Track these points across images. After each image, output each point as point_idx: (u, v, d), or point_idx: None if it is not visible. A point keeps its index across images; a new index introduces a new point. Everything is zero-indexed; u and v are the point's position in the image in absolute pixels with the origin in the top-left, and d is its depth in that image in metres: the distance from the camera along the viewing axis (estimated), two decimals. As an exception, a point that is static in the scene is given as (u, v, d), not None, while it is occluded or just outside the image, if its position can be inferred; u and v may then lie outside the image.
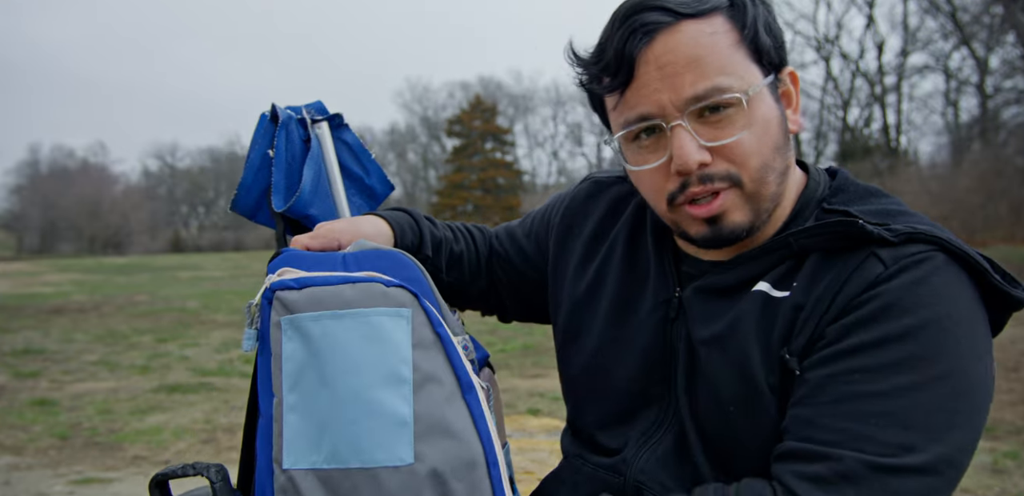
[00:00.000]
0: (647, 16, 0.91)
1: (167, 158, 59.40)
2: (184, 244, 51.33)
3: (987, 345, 0.89)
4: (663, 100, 0.91)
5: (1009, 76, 22.41)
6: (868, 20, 28.64)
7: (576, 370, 1.16)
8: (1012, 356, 7.01)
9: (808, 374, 0.89)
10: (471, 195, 44.12)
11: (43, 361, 8.15)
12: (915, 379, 0.83)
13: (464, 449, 0.89)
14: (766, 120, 0.93)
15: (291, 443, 0.93)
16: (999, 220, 18.13)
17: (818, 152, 32.59)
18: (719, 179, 0.93)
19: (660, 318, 1.05)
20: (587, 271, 1.16)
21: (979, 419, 0.86)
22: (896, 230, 0.89)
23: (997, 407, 5.34)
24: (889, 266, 0.87)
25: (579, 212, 1.22)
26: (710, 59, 0.90)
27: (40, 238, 51.18)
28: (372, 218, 1.16)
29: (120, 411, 5.85)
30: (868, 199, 0.99)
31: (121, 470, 4.41)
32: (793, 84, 1.00)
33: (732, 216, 0.95)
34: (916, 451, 0.81)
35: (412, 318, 0.92)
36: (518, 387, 6.34)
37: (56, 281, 20.03)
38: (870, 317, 0.86)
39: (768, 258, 0.97)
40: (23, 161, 57.58)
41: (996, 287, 0.89)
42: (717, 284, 1.00)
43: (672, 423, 1.03)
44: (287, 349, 0.95)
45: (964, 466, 0.85)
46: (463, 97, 50.18)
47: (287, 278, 0.97)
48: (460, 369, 0.92)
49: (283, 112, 1.28)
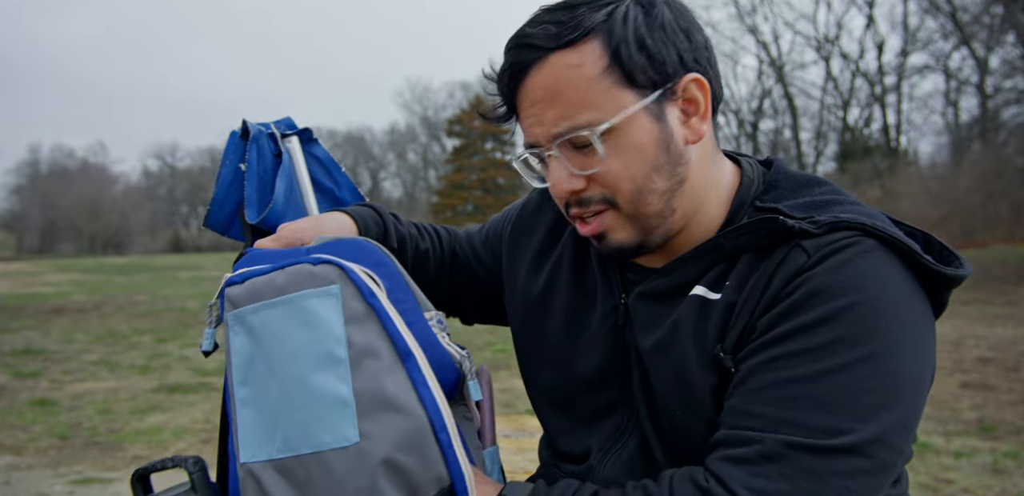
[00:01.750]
0: (519, 54, 0.93)
1: (167, 158, 59.50)
2: (184, 244, 51.33)
3: (923, 325, 0.89)
4: (536, 133, 0.95)
5: (1009, 76, 22.39)
6: (868, 20, 28.63)
7: (537, 381, 1.17)
8: (1012, 356, 7.01)
9: (739, 366, 0.90)
10: (471, 195, 44.09)
11: (43, 361, 8.15)
12: (839, 362, 0.84)
13: (409, 420, 0.88)
14: (638, 145, 0.93)
15: (246, 437, 0.94)
16: (999, 220, 18.13)
17: (818, 152, 32.62)
18: (595, 202, 0.96)
19: (611, 326, 1.06)
20: (537, 281, 1.16)
21: (911, 399, 0.86)
22: (819, 221, 0.90)
23: (997, 407, 5.34)
24: (812, 255, 0.88)
25: (528, 223, 1.22)
26: (570, 95, 0.91)
27: (40, 238, 51.18)
28: (335, 214, 1.15)
29: (120, 411, 5.85)
30: (800, 192, 0.99)
31: (121, 470, 4.41)
32: (700, 90, 0.95)
33: (615, 234, 0.98)
34: (840, 433, 0.82)
35: (341, 293, 0.91)
36: (518, 387, 6.34)
37: (56, 281, 20.02)
38: (795, 305, 0.87)
39: (703, 260, 0.98)
40: (23, 161, 57.69)
41: (927, 267, 0.89)
42: (657, 289, 1.01)
43: (634, 429, 1.05)
44: (235, 344, 0.96)
45: (898, 447, 0.85)
46: (463, 97, 50.20)
47: (236, 274, 0.98)
48: (397, 338, 0.90)
49: (254, 127, 1.30)
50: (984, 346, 7.41)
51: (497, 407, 6.16)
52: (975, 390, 5.83)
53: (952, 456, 4.28)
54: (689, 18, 0.95)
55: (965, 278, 0.92)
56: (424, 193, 52.67)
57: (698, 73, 0.95)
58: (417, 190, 54.17)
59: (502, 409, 5.55)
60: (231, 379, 0.97)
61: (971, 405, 5.42)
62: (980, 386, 5.95)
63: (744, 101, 33.42)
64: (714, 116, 0.99)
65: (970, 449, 4.41)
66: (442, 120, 50.37)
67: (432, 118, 52.40)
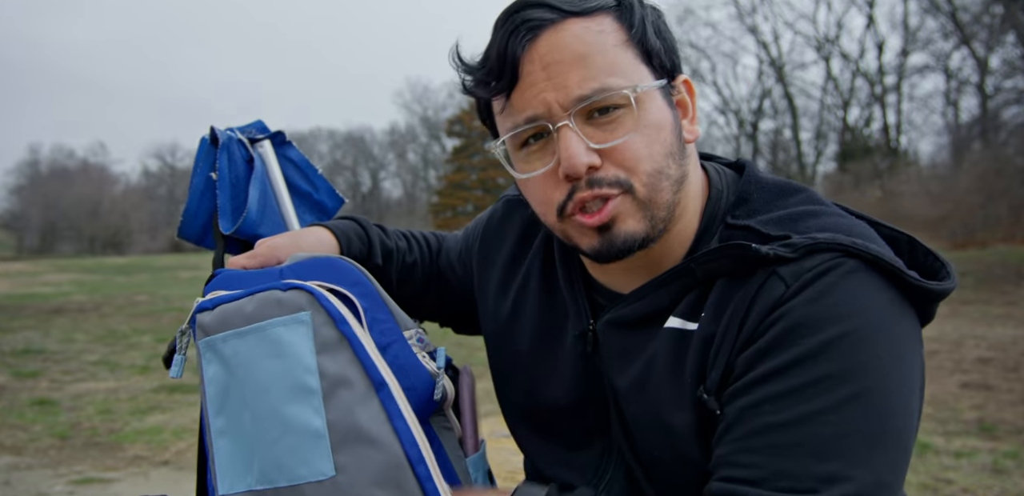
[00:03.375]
0: (530, 13, 0.87)
1: (167, 158, 59.40)
2: (184, 244, 51.10)
3: (911, 348, 0.84)
4: (549, 100, 0.86)
5: (1009, 76, 22.42)
6: (868, 20, 28.67)
7: (512, 404, 1.13)
8: (1012, 356, 7.00)
9: (725, 409, 0.84)
10: (471, 195, 44.07)
11: (43, 361, 8.15)
12: (828, 402, 0.78)
13: (384, 453, 0.85)
14: (658, 123, 0.89)
15: (224, 468, 0.92)
16: (999, 220, 18.11)
17: (818, 152, 32.63)
18: (608, 184, 0.87)
19: (579, 353, 1.01)
20: (506, 299, 1.11)
21: (905, 434, 0.81)
22: (794, 244, 0.84)
23: (997, 407, 5.34)
24: (791, 284, 0.82)
25: (494, 237, 1.16)
26: (597, 58, 0.86)
27: (40, 238, 51.17)
28: (316, 229, 1.11)
29: (120, 411, 5.84)
30: (774, 203, 0.93)
31: (121, 470, 4.41)
32: (689, 93, 0.95)
33: (624, 223, 0.88)
34: (838, 481, 0.76)
35: (312, 320, 0.88)
36: (518, 387, 6.35)
37: (56, 281, 20.02)
38: (777, 341, 0.81)
39: (674, 286, 0.91)
40: (23, 161, 57.63)
41: (911, 284, 0.84)
42: (627, 317, 0.95)
43: (618, 462, 1.01)
44: (208, 372, 0.95)
45: (897, 485, 0.80)
46: (463, 97, 49.37)
47: (207, 299, 0.97)
48: (370, 366, 0.87)
49: (223, 134, 1.27)
50: (984, 346, 7.40)
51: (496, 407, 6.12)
52: (975, 390, 5.83)
53: (952, 456, 4.28)
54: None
55: (950, 292, 0.87)
56: (424, 193, 52.64)
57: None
58: (417, 190, 54.16)
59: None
60: (206, 409, 0.96)
61: (971, 405, 5.42)
62: (980, 386, 5.94)
63: (744, 101, 33.55)
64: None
65: (970, 449, 4.41)
66: (442, 120, 50.34)
67: (432, 118, 52.38)
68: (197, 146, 1.26)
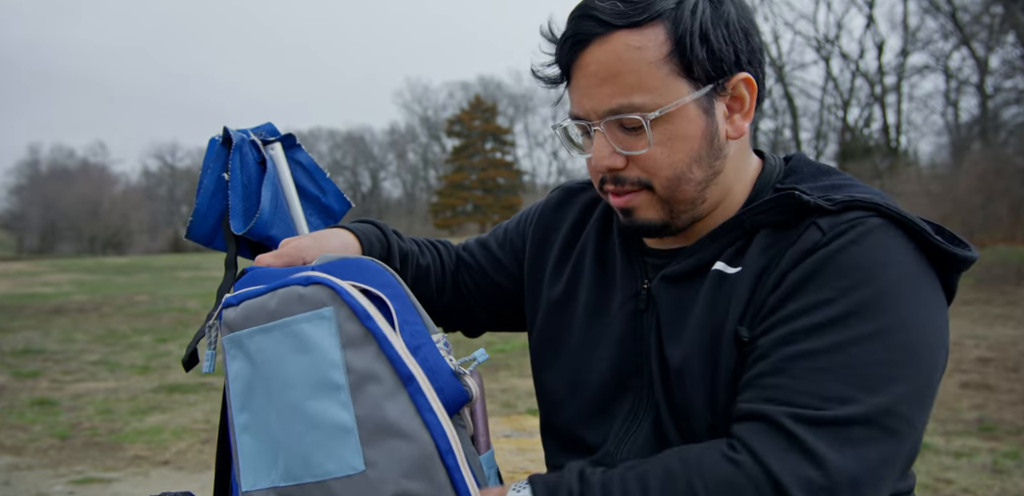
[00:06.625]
0: (583, 25, 0.95)
1: (167, 158, 59.43)
2: (184, 244, 51.25)
3: (935, 302, 0.92)
4: (587, 106, 0.97)
5: (1009, 76, 22.40)
6: (868, 20, 28.61)
7: (554, 370, 1.16)
8: (1012, 356, 7.00)
9: (757, 342, 0.92)
10: (471, 195, 44.09)
11: (43, 361, 8.15)
12: (852, 334, 0.86)
13: (414, 446, 0.85)
14: (684, 135, 0.96)
15: (248, 464, 0.93)
16: (999, 220, 18.11)
17: (818, 152, 32.59)
18: (630, 183, 0.99)
19: (630, 311, 1.08)
20: (561, 277, 1.18)
21: (925, 372, 0.88)
22: (835, 199, 0.93)
23: (997, 407, 5.34)
24: (826, 232, 0.91)
25: (552, 220, 1.24)
26: (628, 77, 0.93)
27: (40, 238, 51.20)
28: (338, 231, 1.13)
29: (120, 411, 5.85)
30: (819, 177, 1.03)
31: (121, 470, 4.41)
32: (749, 89, 0.99)
33: (642, 212, 1.01)
34: (850, 402, 0.83)
35: (335, 315, 0.88)
36: (518, 387, 6.34)
37: (56, 281, 20.02)
38: (808, 281, 0.90)
39: (724, 238, 1.01)
40: (23, 161, 57.63)
41: (938, 247, 0.91)
42: (681, 270, 1.03)
43: (648, 411, 1.05)
44: (233, 369, 0.95)
45: (912, 419, 0.86)
46: (463, 97, 50.17)
47: (232, 295, 0.97)
48: (397, 361, 0.87)
49: (236, 134, 1.27)
50: (984, 346, 7.39)
51: (497, 407, 6.17)
52: (975, 390, 5.84)
53: (952, 456, 4.28)
54: (751, 19, 0.98)
55: (974, 261, 0.94)
56: (424, 193, 52.66)
57: (749, 73, 0.98)
58: (417, 190, 54.18)
59: (502, 409, 5.55)
60: (230, 405, 0.96)
61: (971, 405, 5.42)
62: (980, 386, 5.95)
63: (744, 101, 33.34)
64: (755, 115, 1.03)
65: (970, 449, 4.41)
66: (442, 120, 50.39)
67: (432, 118, 52.41)
68: (206, 147, 1.26)
